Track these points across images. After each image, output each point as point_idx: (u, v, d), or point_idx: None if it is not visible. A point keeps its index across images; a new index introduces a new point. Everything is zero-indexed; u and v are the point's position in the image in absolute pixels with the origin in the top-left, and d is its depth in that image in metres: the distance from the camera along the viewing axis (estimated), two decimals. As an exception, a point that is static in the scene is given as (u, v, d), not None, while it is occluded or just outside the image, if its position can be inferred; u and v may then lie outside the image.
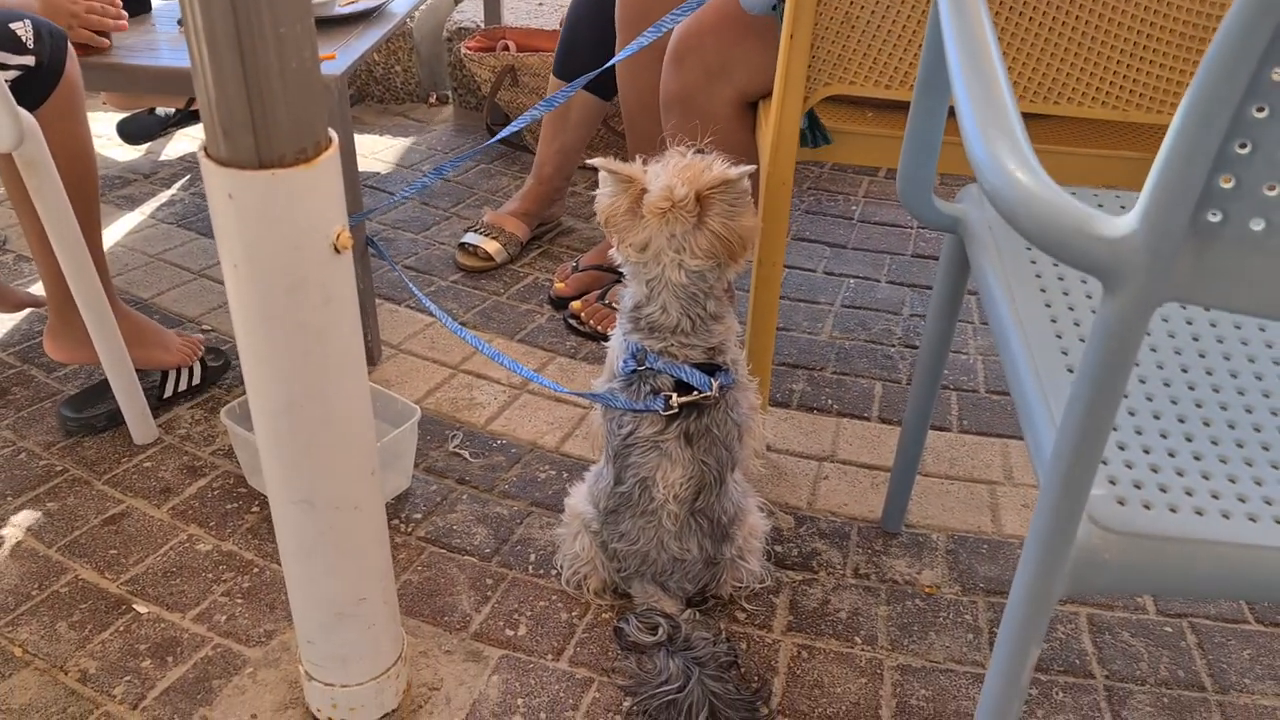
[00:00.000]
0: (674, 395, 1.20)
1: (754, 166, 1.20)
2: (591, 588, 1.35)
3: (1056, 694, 1.25)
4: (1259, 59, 0.57)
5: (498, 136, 1.38)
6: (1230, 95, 0.58)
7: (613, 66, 1.97)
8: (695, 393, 1.20)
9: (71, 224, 1.41)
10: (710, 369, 1.22)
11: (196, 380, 1.73)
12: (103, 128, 2.75)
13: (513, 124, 1.33)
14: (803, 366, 1.87)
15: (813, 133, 1.43)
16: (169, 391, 1.70)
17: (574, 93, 1.40)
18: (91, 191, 1.51)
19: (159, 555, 1.41)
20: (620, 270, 1.27)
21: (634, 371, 1.23)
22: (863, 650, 1.30)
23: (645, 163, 1.23)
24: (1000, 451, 1.66)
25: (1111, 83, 1.32)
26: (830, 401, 1.78)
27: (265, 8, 0.78)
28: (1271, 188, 0.61)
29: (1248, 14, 0.55)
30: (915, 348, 1.93)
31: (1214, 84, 0.58)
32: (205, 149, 0.86)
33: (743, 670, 1.26)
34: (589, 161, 1.26)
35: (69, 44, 1.44)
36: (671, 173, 1.19)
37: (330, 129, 0.90)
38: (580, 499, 1.34)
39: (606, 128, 2.60)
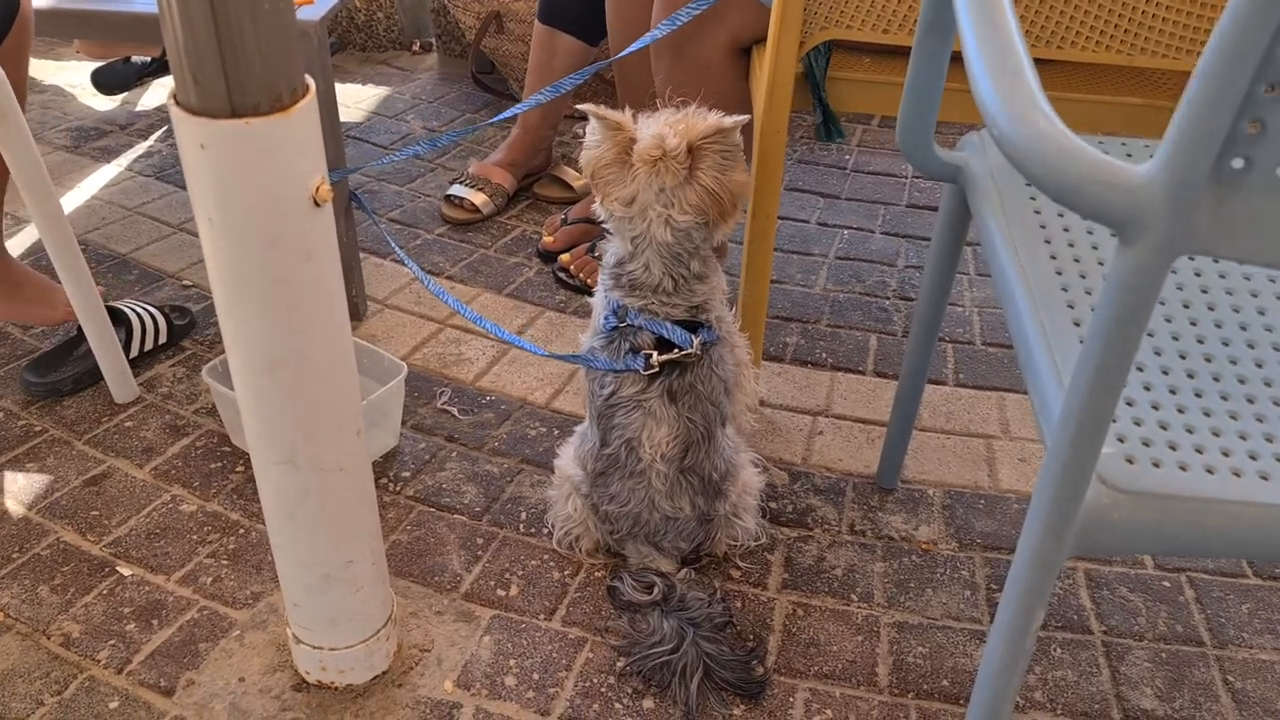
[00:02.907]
0: (654, 354, 1.17)
1: (747, 117, 1.16)
2: (584, 548, 1.33)
3: (1055, 650, 1.23)
4: (1292, -5, 0.53)
5: (502, 116, 1.34)
6: (1259, 37, 0.55)
7: (602, 10, 1.93)
8: (676, 350, 1.17)
9: (42, 172, 1.37)
10: (693, 326, 1.19)
11: (163, 339, 1.69)
12: (77, 77, 2.68)
13: (519, 105, 1.29)
14: (796, 319, 1.84)
15: (827, 127, 1.41)
16: (135, 352, 1.65)
17: (581, 80, 1.36)
18: None
19: (142, 516, 1.38)
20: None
21: (614, 329, 1.20)
22: (859, 607, 1.29)
23: (635, 116, 1.19)
24: (997, 405, 1.64)
25: (1118, 26, 1.28)
26: (824, 355, 1.75)
27: (234, -55, 0.73)
28: (1300, 133, 0.58)
29: (1283, -54, 0.52)
30: (910, 300, 1.90)
31: (1242, 25, 0.55)
32: (175, 97, 0.81)
33: (738, 629, 1.24)
34: (578, 106, 1.22)
35: None
36: (663, 123, 1.15)
37: (308, 75, 0.85)
38: (568, 461, 1.31)
39: (594, 75, 2.54)
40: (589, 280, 1.88)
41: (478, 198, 2.12)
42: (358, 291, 1.79)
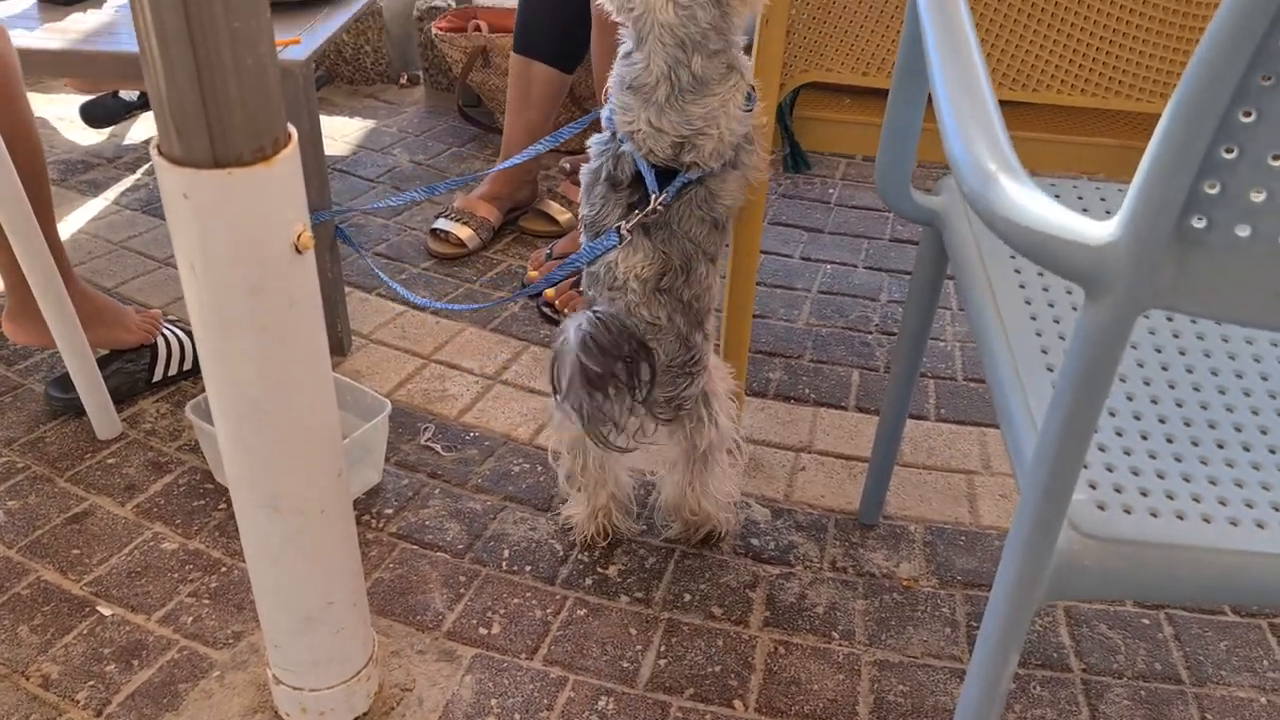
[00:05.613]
0: (624, 224, 1.18)
1: None
2: (597, 506, 1.36)
3: (1034, 688, 1.24)
4: (1246, 64, 0.55)
5: (503, 165, 1.35)
6: (1217, 99, 0.56)
7: (576, 39, 1.96)
8: (638, 214, 1.18)
9: (25, 210, 1.37)
10: (672, 173, 1.18)
11: (188, 365, 1.70)
12: (65, 110, 2.69)
13: (521, 155, 1.30)
14: (779, 354, 1.85)
15: (794, 159, 1.43)
16: (158, 375, 1.67)
17: (581, 130, 1.38)
18: (40, 178, 1.46)
19: (123, 555, 1.38)
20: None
21: (606, 147, 1.21)
22: (840, 645, 1.29)
23: None
24: (978, 441, 1.65)
25: (1091, 70, 1.30)
26: (807, 390, 1.76)
27: (219, 2, 0.74)
28: (1258, 193, 0.59)
29: (1235, 19, 0.53)
30: (893, 335, 1.92)
31: (1200, 88, 0.56)
32: (159, 147, 0.82)
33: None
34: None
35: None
36: None
37: (290, 124, 0.86)
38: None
39: (574, 103, 2.56)
40: (573, 315, 1.88)
41: (463, 232, 2.13)
42: (342, 326, 1.79)
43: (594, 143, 1.24)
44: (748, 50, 1.23)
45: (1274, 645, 1.30)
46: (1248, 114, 0.57)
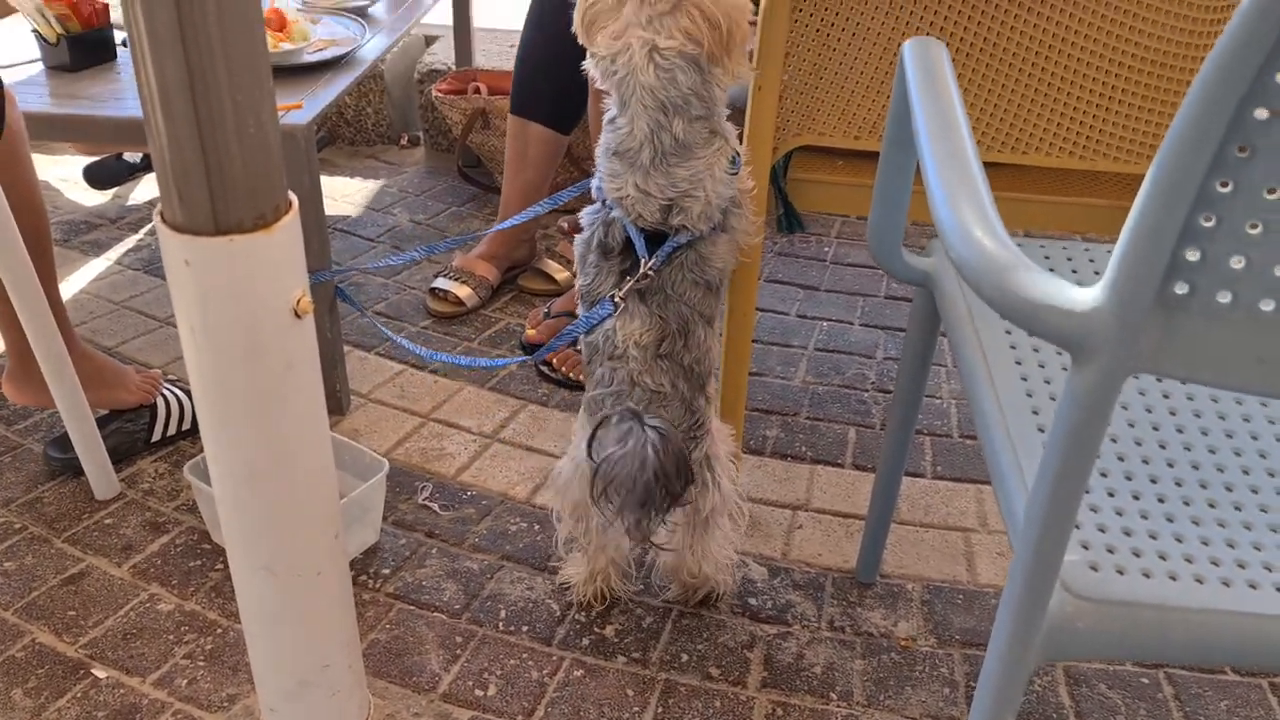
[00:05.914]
0: (618, 292, 1.20)
1: None
2: (596, 569, 1.37)
3: (1034, 750, 1.23)
4: (1222, 135, 0.56)
5: (501, 226, 1.38)
6: (1194, 170, 0.58)
7: (572, 100, 2.00)
8: (630, 280, 1.20)
9: (29, 272, 1.39)
10: (661, 237, 1.20)
11: (187, 425, 1.71)
12: (69, 171, 2.72)
13: (519, 216, 1.32)
14: (776, 412, 1.86)
15: (788, 219, 1.45)
16: (158, 435, 1.68)
17: (579, 193, 1.40)
18: (44, 239, 1.48)
19: (119, 616, 1.37)
20: None
21: (596, 215, 1.24)
22: (838, 706, 1.28)
23: None
24: (974, 498, 1.65)
25: (1079, 133, 1.33)
26: (804, 448, 1.76)
27: (222, 73, 0.76)
28: (1238, 260, 0.61)
29: (1212, 91, 0.55)
30: (889, 392, 1.93)
31: (1178, 159, 0.58)
32: (161, 214, 0.84)
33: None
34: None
35: (4, 90, 1.41)
36: None
37: (290, 190, 0.88)
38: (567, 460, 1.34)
39: (572, 164, 2.59)
40: (571, 373, 1.90)
41: (462, 291, 2.15)
42: (341, 386, 1.80)
43: (586, 214, 1.26)
44: (737, 117, 1.26)
45: (1274, 705, 1.30)
46: (1224, 184, 0.58)
